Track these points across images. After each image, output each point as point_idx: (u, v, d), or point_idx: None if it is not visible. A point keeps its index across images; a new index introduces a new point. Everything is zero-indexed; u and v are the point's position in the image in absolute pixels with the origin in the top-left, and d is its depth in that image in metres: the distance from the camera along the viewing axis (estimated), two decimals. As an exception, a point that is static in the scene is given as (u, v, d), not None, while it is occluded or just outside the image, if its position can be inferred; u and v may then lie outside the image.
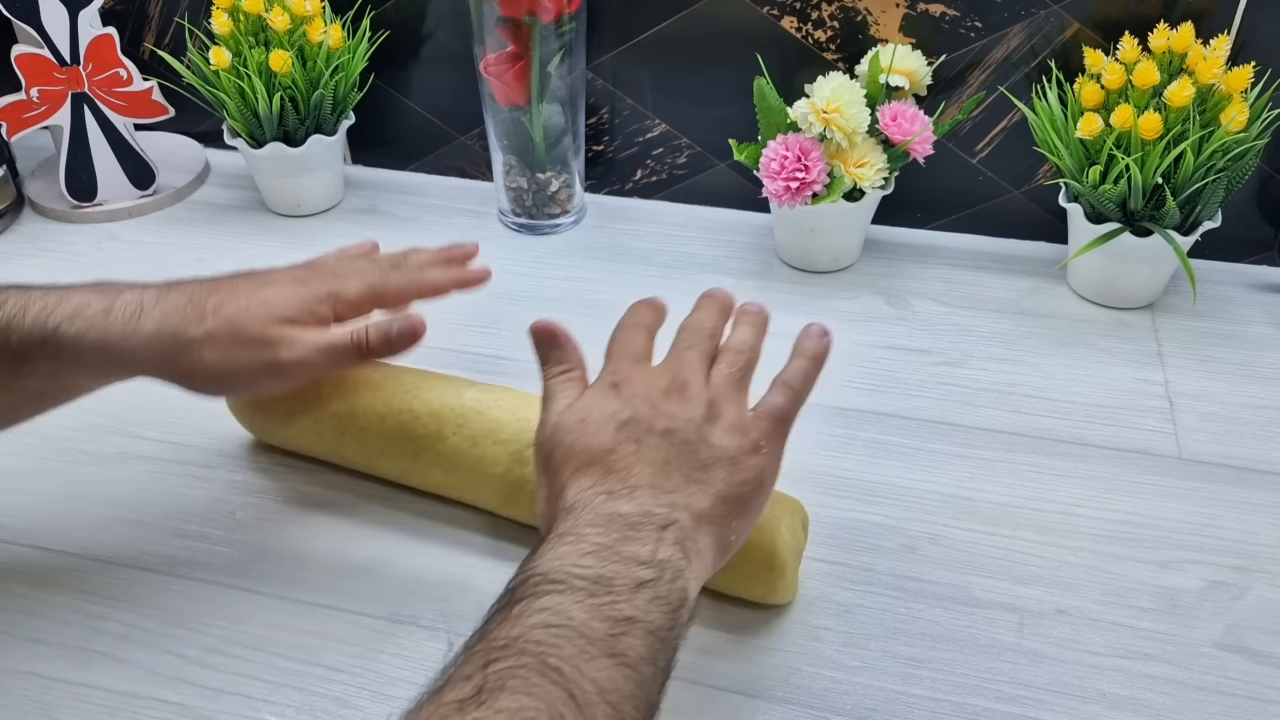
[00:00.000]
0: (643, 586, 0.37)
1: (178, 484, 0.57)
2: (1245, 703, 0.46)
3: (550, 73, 0.73)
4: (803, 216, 0.72)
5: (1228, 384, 0.64)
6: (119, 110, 0.82)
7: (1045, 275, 0.75)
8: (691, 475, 0.42)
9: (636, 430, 0.43)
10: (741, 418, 0.44)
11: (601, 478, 0.41)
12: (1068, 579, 0.51)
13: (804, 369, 0.46)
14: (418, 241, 0.79)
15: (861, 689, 0.46)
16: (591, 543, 0.38)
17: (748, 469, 0.42)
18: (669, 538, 0.39)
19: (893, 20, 0.73)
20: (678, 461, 0.42)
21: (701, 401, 0.44)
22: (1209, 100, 0.64)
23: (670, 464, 0.42)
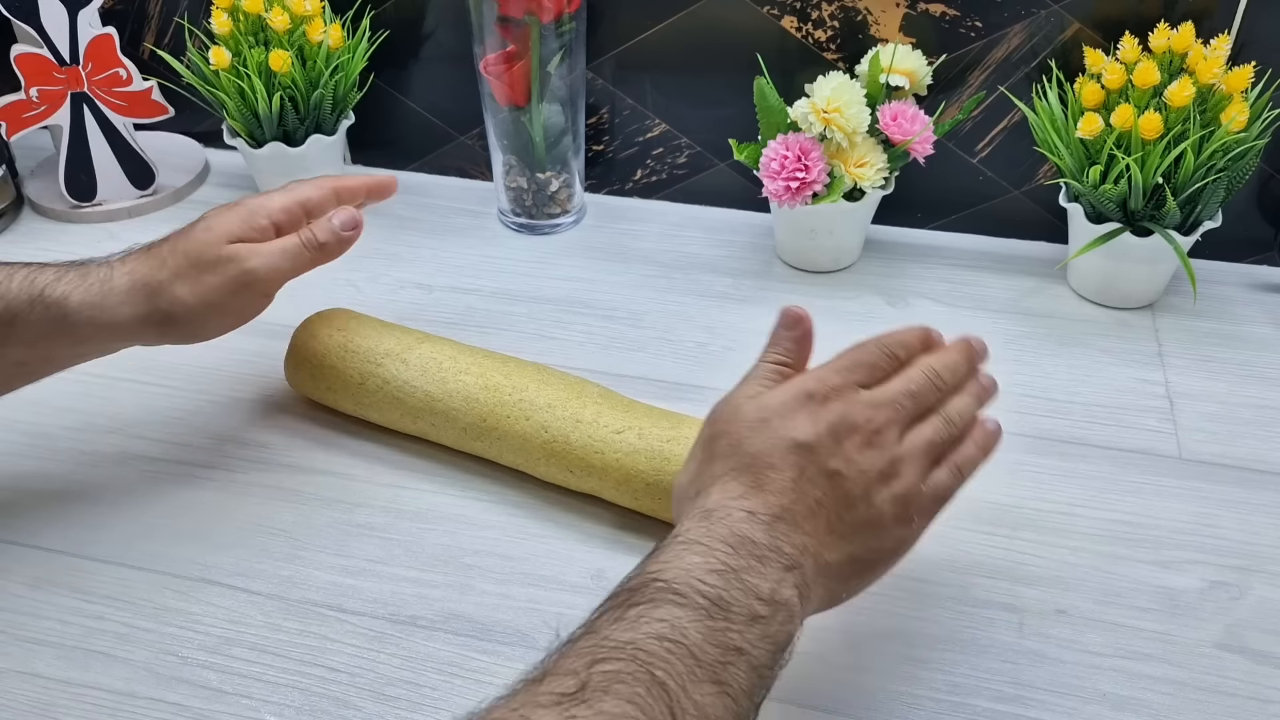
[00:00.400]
0: (757, 621, 0.37)
1: (178, 484, 0.57)
2: (1245, 703, 0.46)
3: (550, 72, 0.73)
4: (803, 216, 0.72)
5: (1228, 384, 0.64)
6: (119, 110, 0.82)
7: (1045, 275, 0.75)
8: (835, 526, 0.41)
9: (806, 460, 0.41)
10: (914, 489, 0.42)
11: (749, 491, 0.40)
12: (1068, 579, 0.51)
13: (974, 460, 0.45)
14: (418, 241, 0.80)
15: (861, 689, 0.46)
16: (720, 561, 0.38)
17: (892, 538, 0.42)
18: (790, 580, 0.39)
19: (893, 20, 0.73)
20: (830, 508, 0.41)
21: (885, 458, 0.42)
22: (1209, 100, 0.64)
23: (821, 507, 0.40)
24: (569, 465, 0.54)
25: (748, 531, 0.39)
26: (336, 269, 0.74)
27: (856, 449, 0.41)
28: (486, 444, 0.56)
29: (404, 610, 0.50)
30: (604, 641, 0.35)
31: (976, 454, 0.45)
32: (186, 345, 0.55)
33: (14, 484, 0.57)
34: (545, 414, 0.55)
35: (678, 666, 0.34)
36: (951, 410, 0.45)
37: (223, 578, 0.52)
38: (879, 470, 0.41)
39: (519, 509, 0.56)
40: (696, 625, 0.36)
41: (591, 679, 0.33)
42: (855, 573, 0.41)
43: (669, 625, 0.35)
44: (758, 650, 0.37)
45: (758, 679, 0.36)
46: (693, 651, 0.35)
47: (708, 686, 0.35)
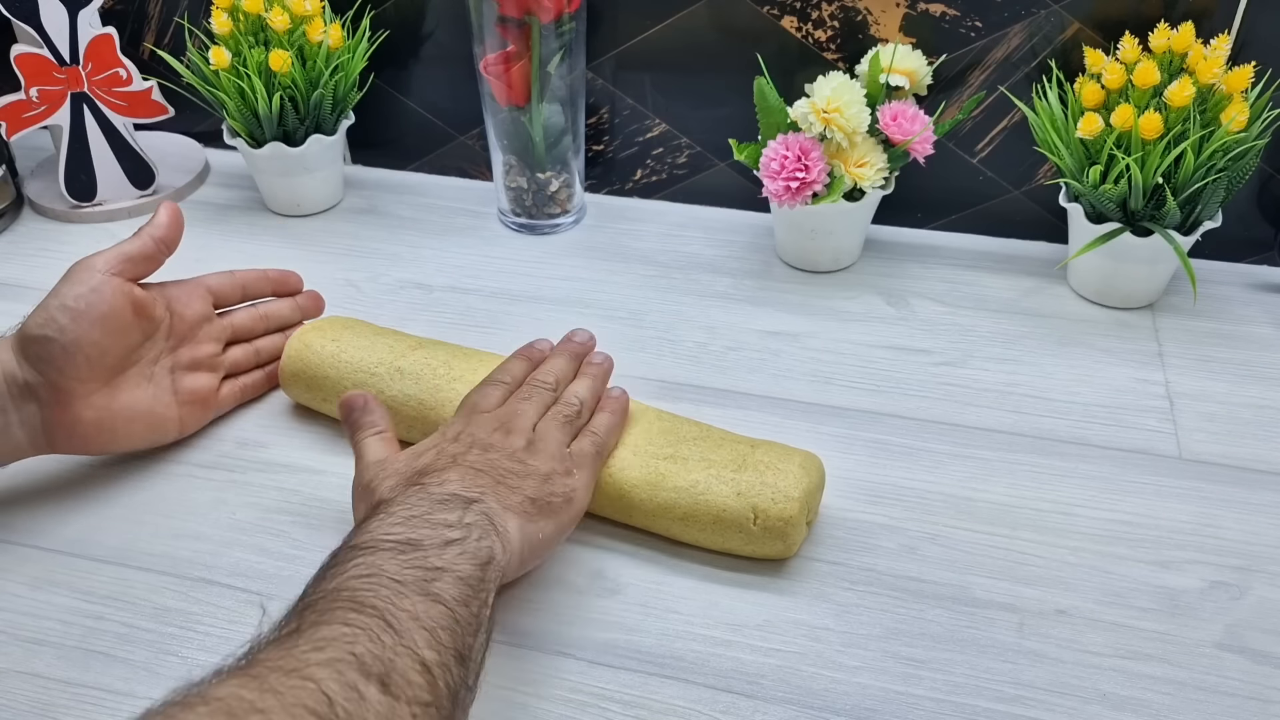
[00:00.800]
0: (450, 544, 0.41)
1: (178, 484, 0.57)
2: (1245, 703, 0.46)
3: (550, 72, 0.73)
4: (803, 216, 0.72)
5: (1228, 384, 0.64)
6: (119, 110, 0.82)
7: (1045, 275, 0.75)
8: (502, 480, 0.47)
9: (457, 449, 0.48)
10: (559, 450, 0.50)
11: (416, 479, 0.46)
12: (1068, 579, 0.51)
13: (609, 424, 0.53)
14: (418, 241, 0.80)
15: (861, 689, 0.46)
16: (401, 516, 0.42)
17: (559, 484, 0.48)
18: (474, 509, 0.44)
19: (893, 20, 0.73)
20: (492, 472, 0.47)
21: (524, 438, 0.49)
22: (1209, 100, 0.64)
23: (484, 472, 0.47)
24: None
25: (422, 494, 0.44)
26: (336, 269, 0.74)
27: (499, 438, 0.49)
28: None
29: (404, 610, 0.50)
30: (309, 598, 0.38)
31: (610, 419, 0.54)
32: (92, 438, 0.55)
33: (14, 484, 0.57)
34: None
35: (382, 592, 0.38)
36: (568, 394, 0.54)
37: (223, 578, 0.52)
38: (522, 445, 0.49)
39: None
40: (392, 561, 0.39)
41: (304, 619, 0.36)
42: (539, 512, 0.47)
43: (365, 566, 0.39)
44: (460, 565, 0.40)
45: (468, 589, 0.40)
46: (393, 578, 0.38)
47: (416, 598, 0.38)
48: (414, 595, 0.38)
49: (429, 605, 0.38)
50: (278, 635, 0.36)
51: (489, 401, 0.52)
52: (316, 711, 0.32)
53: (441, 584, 0.39)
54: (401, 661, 0.35)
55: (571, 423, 0.52)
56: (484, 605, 0.40)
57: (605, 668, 0.47)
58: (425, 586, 0.39)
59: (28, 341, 0.52)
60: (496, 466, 0.47)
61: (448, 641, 0.37)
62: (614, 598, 0.51)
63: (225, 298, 0.61)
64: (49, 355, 0.52)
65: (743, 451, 0.52)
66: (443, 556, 0.40)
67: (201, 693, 0.32)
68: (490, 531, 0.43)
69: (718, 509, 0.50)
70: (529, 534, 0.46)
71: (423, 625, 0.37)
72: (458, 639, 0.38)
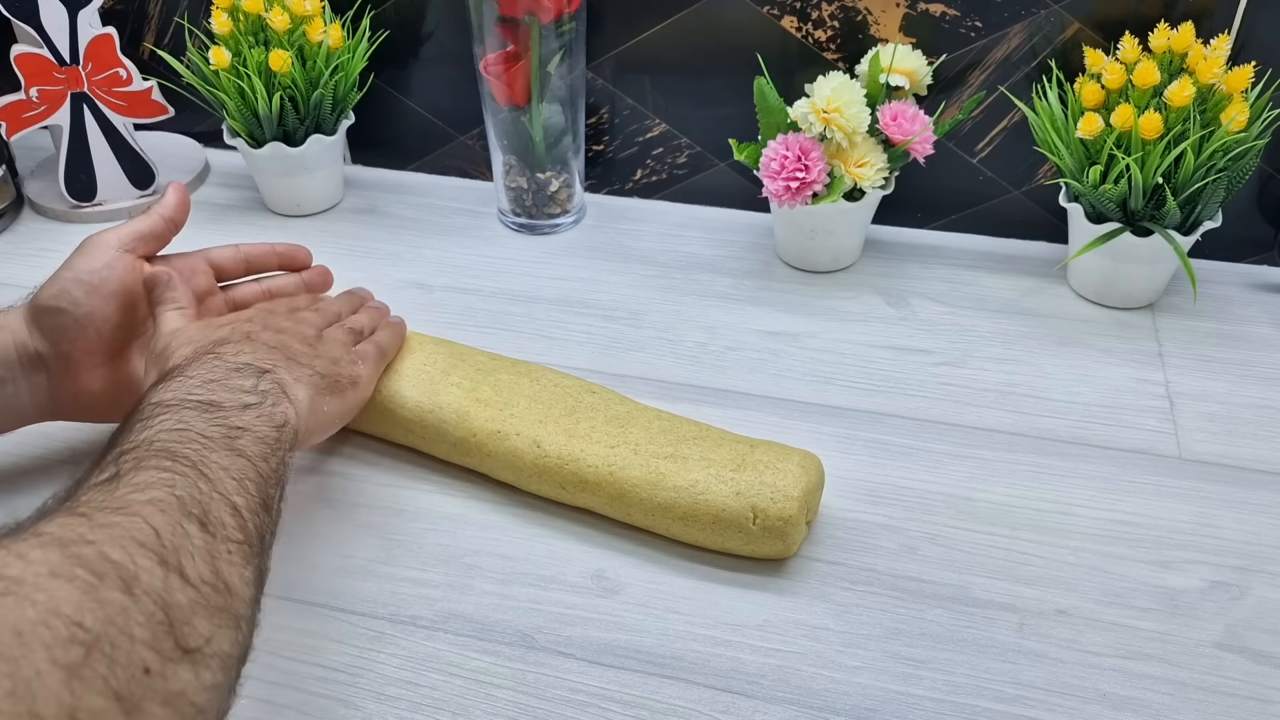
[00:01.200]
0: (248, 408, 0.45)
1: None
2: (1245, 703, 0.46)
3: (550, 73, 0.73)
4: (803, 216, 0.72)
5: (1228, 384, 0.64)
6: (119, 110, 0.82)
7: (1045, 275, 0.75)
8: (293, 358, 0.50)
9: (251, 327, 0.51)
10: (344, 347, 0.55)
11: (211, 349, 0.48)
12: (1068, 579, 0.51)
13: (389, 335, 0.59)
14: (418, 241, 0.80)
15: (861, 689, 0.46)
16: (200, 380, 0.45)
17: (346, 368, 0.53)
18: (267, 379, 0.48)
19: (893, 20, 0.73)
20: (283, 350, 0.50)
21: (313, 329, 0.54)
22: (1209, 100, 0.64)
23: (276, 349, 0.50)
24: (561, 482, 0.54)
25: (218, 362, 0.47)
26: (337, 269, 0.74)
27: (291, 324, 0.53)
28: (478, 460, 0.56)
29: (404, 610, 0.50)
30: (122, 447, 0.40)
31: (390, 332, 0.59)
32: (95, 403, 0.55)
33: (14, 484, 0.57)
34: (537, 429, 0.54)
35: (192, 444, 0.41)
36: (350, 320, 0.59)
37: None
38: (313, 334, 0.53)
39: (519, 509, 0.56)
40: (197, 418, 0.43)
41: (121, 468, 0.38)
42: (327, 388, 0.51)
43: (173, 421, 0.42)
44: (259, 427, 0.44)
45: (267, 448, 0.44)
46: (201, 433, 0.42)
47: (223, 453, 0.41)
48: (221, 450, 0.41)
49: (234, 459, 0.42)
50: (96, 480, 0.38)
51: (279, 308, 0.56)
52: (145, 544, 0.35)
53: (243, 441, 0.43)
54: (215, 504, 0.39)
55: (354, 334, 0.57)
56: (281, 463, 0.45)
57: (605, 668, 0.47)
58: (230, 443, 0.42)
59: (40, 312, 0.53)
60: (288, 346, 0.51)
61: (254, 491, 0.41)
62: (614, 598, 0.51)
63: (229, 271, 0.61)
64: (61, 326, 0.53)
65: (742, 451, 0.52)
66: (242, 418, 0.44)
67: (30, 528, 0.34)
68: (282, 399, 0.47)
69: (717, 509, 0.50)
70: (316, 405, 0.50)
71: (231, 475, 0.41)
72: (261, 490, 0.42)
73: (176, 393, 0.44)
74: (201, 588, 0.35)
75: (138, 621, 0.32)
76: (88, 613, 0.31)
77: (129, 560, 0.34)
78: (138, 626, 0.32)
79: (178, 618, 0.34)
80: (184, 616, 0.34)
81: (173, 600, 0.34)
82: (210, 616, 0.35)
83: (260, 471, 0.43)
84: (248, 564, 0.39)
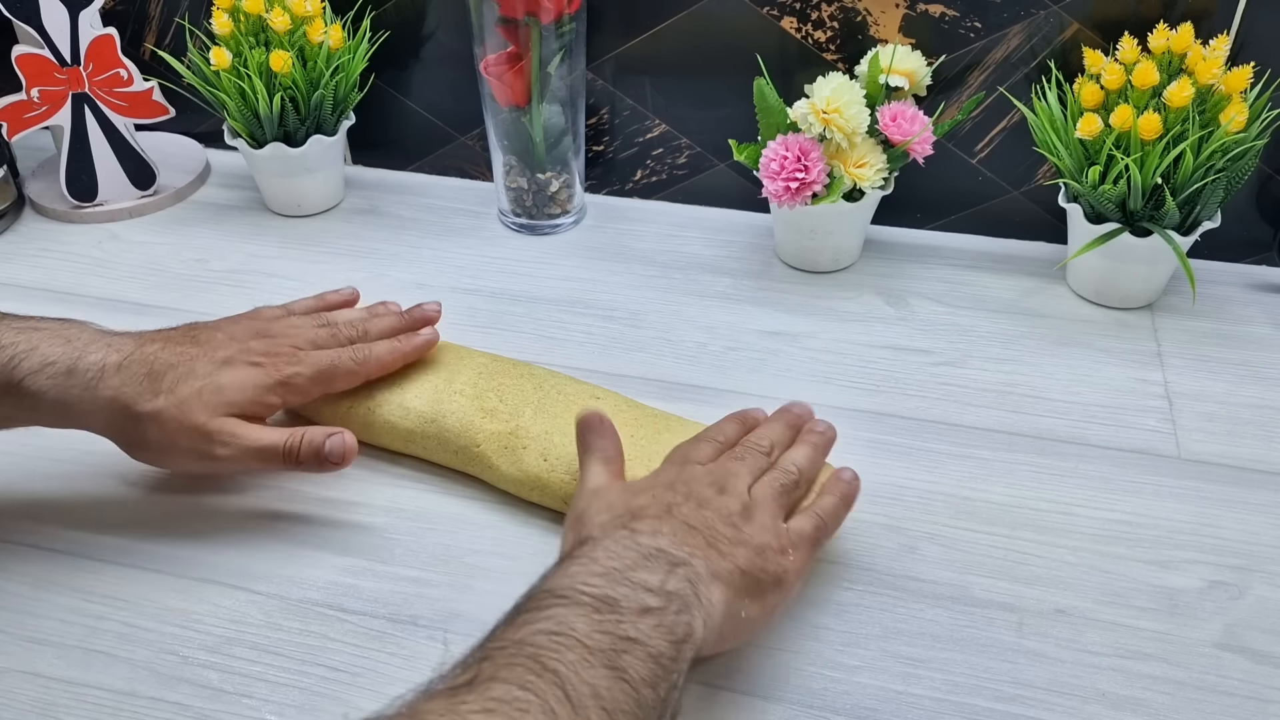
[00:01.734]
0: (648, 612, 0.38)
1: (178, 484, 0.57)
2: (1245, 703, 0.46)
3: (550, 73, 0.73)
4: (802, 217, 0.72)
5: (1227, 384, 0.64)
6: (119, 110, 0.82)
7: (1045, 275, 0.75)
8: (715, 543, 0.43)
9: (673, 497, 0.45)
10: (775, 523, 0.45)
11: (627, 521, 0.43)
12: (1067, 579, 0.51)
13: (835, 507, 0.49)
14: (418, 241, 0.80)
15: (861, 689, 0.46)
16: (603, 565, 0.39)
17: (773, 561, 0.44)
18: (679, 574, 0.40)
19: (892, 20, 0.73)
20: (706, 531, 0.43)
21: (740, 501, 0.45)
22: (1208, 100, 0.64)
23: (697, 530, 0.43)
24: (564, 498, 0.53)
25: (630, 540, 0.41)
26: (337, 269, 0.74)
27: (714, 495, 0.45)
28: (480, 469, 0.56)
29: (404, 610, 0.50)
30: (494, 644, 0.36)
31: (835, 501, 0.49)
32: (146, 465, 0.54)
33: (14, 484, 0.57)
34: (544, 442, 0.54)
35: (568, 656, 0.35)
36: (785, 460, 0.49)
37: (223, 577, 0.52)
38: (738, 509, 0.45)
39: (519, 509, 0.56)
40: (584, 619, 0.36)
41: (481, 671, 0.34)
42: (747, 586, 0.42)
43: (555, 621, 0.36)
44: (655, 640, 0.37)
45: (659, 669, 0.36)
46: (582, 641, 0.35)
47: (602, 671, 0.35)
48: (599, 667, 0.35)
49: (613, 682, 0.35)
50: (451, 683, 0.34)
51: (701, 455, 0.49)
52: None
53: (631, 658, 0.36)
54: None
55: (789, 493, 0.48)
56: (673, 687, 0.37)
57: (605, 667, 0.47)
58: (613, 659, 0.35)
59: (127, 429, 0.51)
60: (710, 526, 0.43)
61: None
62: (614, 597, 0.51)
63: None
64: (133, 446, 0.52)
65: None
66: (638, 626, 0.37)
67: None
68: (693, 604, 0.39)
69: None
70: (733, 610, 0.42)
71: (603, 705, 0.34)
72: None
73: (574, 579, 0.39)
74: None
75: None
76: None
77: None
78: None
79: None
80: None
81: None
82: None
83: (641, 700, 0.35)
84: None
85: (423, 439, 0.57)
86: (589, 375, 0.63)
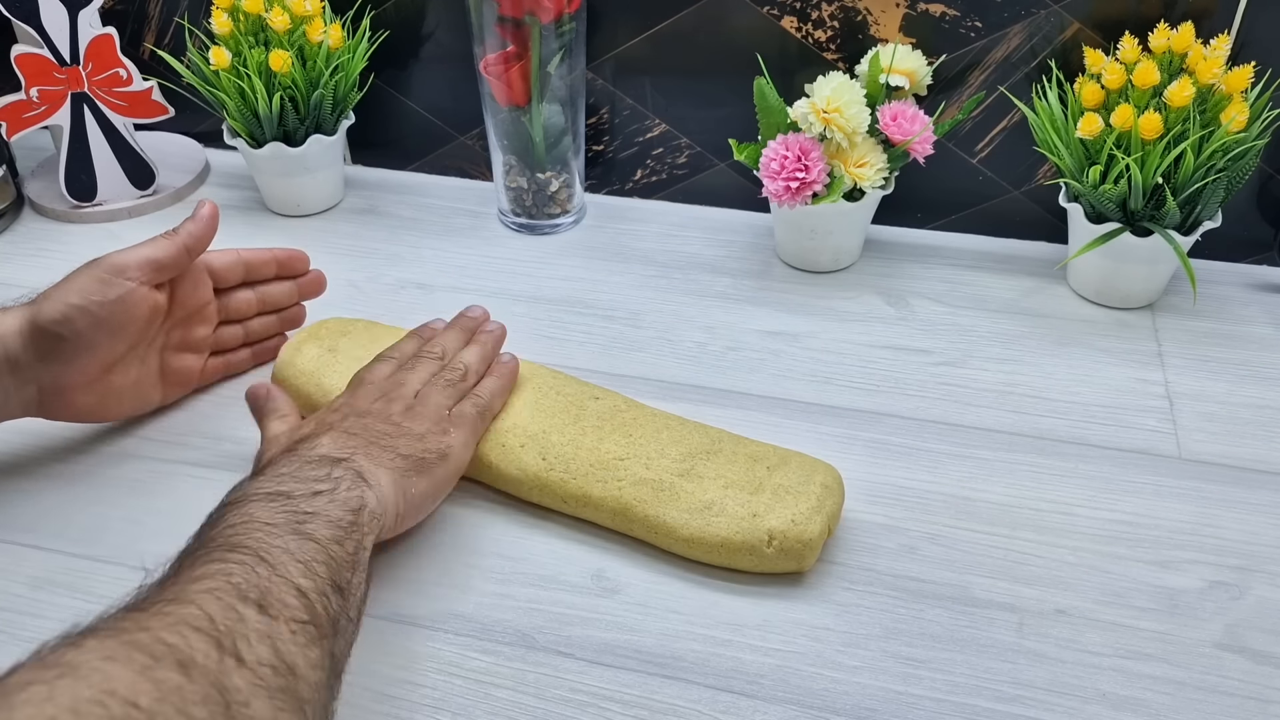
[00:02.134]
0: (319, 495, 0.43)
1: (178, 484, 0.57)
2: (1245, 703, 0.46)
3: (550, 73, 0.73)
4: (803, 216, 0.72)
5: (1228, 384, 0.64)
6: (119, 110, 0.82)
7: (1045, 275, 0.75)
8: (375, 442, 0.49)
9: (333, 418, 0.50)
10: (438, 411, 0.52)
11: (293, 446, 0.48)
12: (1068, 579, 0.51)
13: (494, 388, 0.56)
14: (418, 241, 0.80)
15: (861, 689, 0.46)
16: (273, 475, 0.45)
17: (433, 442, 0.50)
18: (342, 467, 0.46)
19: (893, 20, 0.73)
20: (365, 435, 0.49)
21: (404, 404, 0.52)
22: (1209, 100, 0.64)
23: (357, 436, 0.49)
24: (563, 496, 0.53)
25: (293, 457, 0.46)
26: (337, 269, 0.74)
27: (380, 405, 0.51)
28: (478, 470, 0.56)
29: (405, 610, 0.50)
30: (187, 548, 0.40)
31: (496, 382, 0.56)
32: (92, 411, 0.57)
33: (14, 484, 0.57)
34: (541, 442, 0.54)
35: (255, 534, 0.40)
36: (456, 360, 0.56)
37: (223, 578, 0.52)
38: (400, 410, 0.51)
39: (519, 509, 0.56)
40: (262, 509, 0.42)
41: (181, 564, 0.39)
42: (412, 468, 0.49)
43: (237, 515, 0.41)
44: (330, 510, 0.43)
45: (340, 531, 0.42)
46: (265, 522, 0.41)
47: (289, 537, 0.40)
48: (286, 534, 0.40)
49: (301, 542, 0.40)
50: (156, 580, 0.38)
51: (376, 375, 0.54)
52: (199, 628, 0.34)
53: (312, 525, 0.41)
54: (277, 587, 0.38)
55: (455, 386, 0.54)
56: (360, 547, 0.43)
57: (605, 668, 0.47)
58: (296, 527, 0.41)
59: (38, 331, 0.52)
60: (369, 429, 0.49)
61: (323, 573, 0.40)
62: (614, 598, 0.51)
63: (226, 279, 0.62)
64: (56, 350, 0.53)
65: (759, 475, 0.52)
66: (312, 504, 0.43)
67: (88, 626, 0.34)
68: (359, 483, 0.45)
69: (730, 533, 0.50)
70: (402, 488, 0.48)
71: (296, 558, 0.39)
72: (333, 572, 0.40)
73: (246, 490, 0.44)
74: (259, 669, 0.35)
75: (193, 701, 0.32)
76: (143, 693, 0.31)
77: (184, 643, 0.33)
78: (194, 706, 0.32)
79: (235, 699, 0.33)
80: (241, 699, 0.33)
81: (229, 683, 0.33)
82: (270, 698, 0.34)
83: (332, 555, 0.41)
84: (314, 645, 0.37)
85: None
86: (589, 375, 0.63)
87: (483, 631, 0.49)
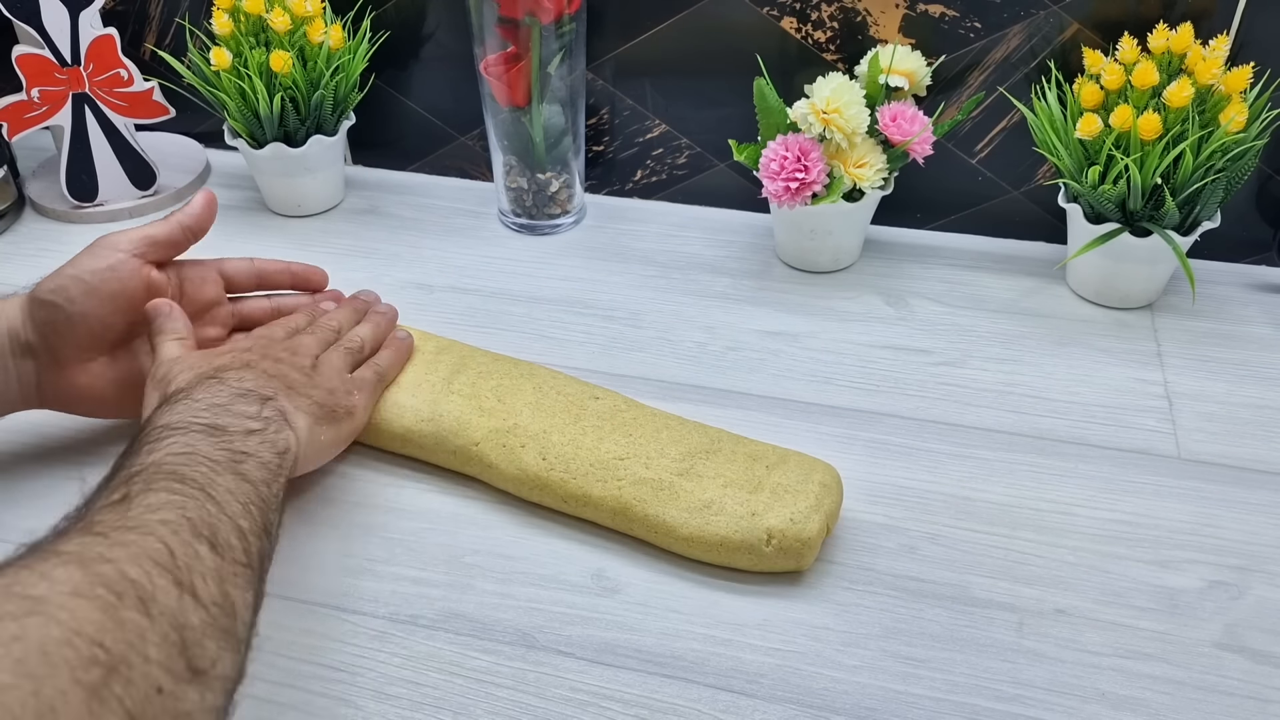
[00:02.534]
0: (253, 434, 0.46)
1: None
2: (1245, 702, 0.46)
3: (550, 73, 0.73)
4: (802, 217, 0.72)
5: (1227, 384, 0.64)
6: (120, 111, 0.82)
7: (1045, 275, 0.75)
8: (293, 387, 0.51)
9: (252, 357, 0.52)
10: (340, 374, 0.55)
11: (214, 374, 0.49)
12: (1067, 579, 0.51)
13: (391, 358, 0.59)
14: (418, 241, 0.80)
15: (861, 689, 0.46)
16: (205, 404, 0.46)
17: (342, 399, 0.53)
18: (270, 405, 0.49)
19: (892, 21, 0.73)
20: (283, 379, 0.51)
21: (310, 360, 0.54)
22: (1208, 101, 0.64)
23: (276, 378, 0.51)
24: (563, 496, 0.53)
25: (220, 388, 0.48)
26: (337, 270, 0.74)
27: (288, 355, 0.53)
28: (478, 469, 0.56)
29: (404, 610, 0.50)
30: (130, 470, 0.41)
31: (391, 354, 0.59)
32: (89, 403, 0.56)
33: (14, 484, 0.57)
34: (541, 442, 0.54)
35: (200, 468, 0.42)
36: (352, 334, 0.59)
37: (223, 577, 0.52)
38: (308, 365, 0.54)
39: (519, 509, 0.56)
40: (204, 442, 0.44)
41: (132, 489, 0.39)
42: (323, 418, 0.52)
43: (180, 444, 0.43)
44: (262, 452, 0.45)
45: (269, 474, 0.45)
46: (207, 456, 0.43)
47: (229, 476, 0.42)
48: (227, 473, 0.42)
49: (239, 483, 0.43)
50: (108, 501, 0.38)
51: (275, 334, 0.56)
52: (160, 562, 0.35)
53: (247, 466, 0.44)
54: (223, 527, 0.40)
55: (352, 354, 0.57)
56: (281, 489, 0.46)
57: (605, 667, 0.47)
58: (235, 467, 0.43)
59: (36, 304, 0.54)
60: (286, 375, 0.52)
61: (256, 516, 0.42)
62: (614, 598, 0.51)
63: (239, 285, 0.62)
64: (53, 321, 0.54)
65: (758, 474, 0.52)
66: (246, 443, 0.45)
67: (49, 547, 0.35)
68: (284, 426, 0.48)
69: (730, 532, 0.50)
70: (314, 434, 0.51)
71: (236, 499, 0.41)
72: (263, 514, 0.43)
73: (183, 415, 0.45)
74: (211, 609, 0.36)
75: (153, 642, 0.33)
76: (108, 634, 0.32)
77: (146, 579, 0.34)
78: (153, 647, 0.33)
79: (190, 639, 0.34)
80: (195, 638, 0.35)
81: (186, 621, 0.35)
82: (218, 638, 0.36)
83: (262, 496, 0.43)
84: (249, 587, 0.39)
85: (420, 438, 0.57)
86: (589, 375, 0.64)
87: (483, 631, 0.49)
